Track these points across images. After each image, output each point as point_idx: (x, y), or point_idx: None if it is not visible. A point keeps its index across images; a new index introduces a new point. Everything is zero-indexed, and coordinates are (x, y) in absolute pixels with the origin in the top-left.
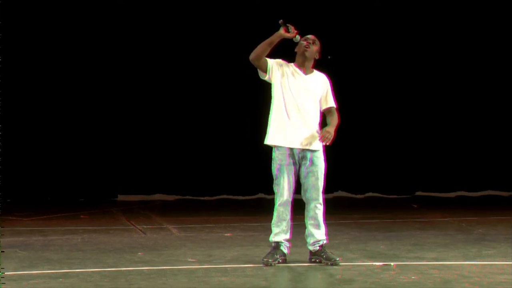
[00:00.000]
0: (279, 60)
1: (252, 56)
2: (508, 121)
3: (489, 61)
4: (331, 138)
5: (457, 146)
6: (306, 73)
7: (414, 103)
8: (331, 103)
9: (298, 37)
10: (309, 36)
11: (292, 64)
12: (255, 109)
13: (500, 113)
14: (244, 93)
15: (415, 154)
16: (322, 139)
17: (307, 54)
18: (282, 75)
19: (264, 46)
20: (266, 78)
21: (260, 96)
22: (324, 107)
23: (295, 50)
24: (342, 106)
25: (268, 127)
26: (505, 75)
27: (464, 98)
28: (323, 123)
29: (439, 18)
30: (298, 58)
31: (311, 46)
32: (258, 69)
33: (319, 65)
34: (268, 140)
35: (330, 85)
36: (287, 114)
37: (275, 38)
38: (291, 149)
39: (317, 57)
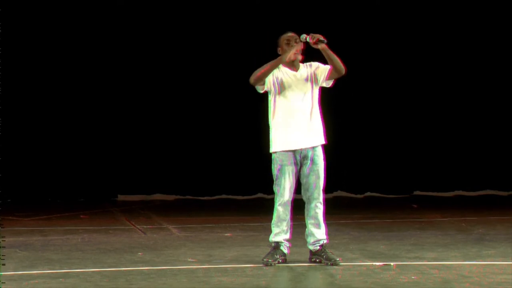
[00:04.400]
0: None
1: (252, 80)
2: (506, 120)
3: (488, 61)
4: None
5: (455, 146)
6: (297, 70)
7: (412, 103)
8: (327, 66)
9: (304, 36)
10: (289, 34)
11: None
12: (255, 109)
13: (499, 113)
14: (244, 92)
15: (413, 153)
16: (312, 37)
17: (298, 57)
18: (274, 81)
19: (265, 72)
20: (264, 90)
21: (260, 96)
22: (327, 73)
23: (279, 52)
24: (341, 106)
25: (270, 134)
26: (504, 75)
27: (463, 98)
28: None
29: (439, 18)
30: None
31: (297, 47)
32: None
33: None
34: (273, 148)
35: (316, 62)
36: (285, 118)
37: (277, 63)
38: (293, 150)
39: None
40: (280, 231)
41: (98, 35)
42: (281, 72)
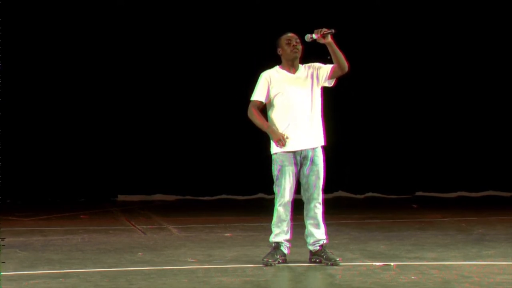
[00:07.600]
0: (265, 78)
1: (248, 117)
2: (508, 121)
3: (489, 61)
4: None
5: (457, 146)
6: (295, 72)
7: (414, 103)
8: (329, 65)
9: (308, 35)
10: (289, 34)
11: (277, 67)
12: None
13: (500, 113)
14: (244, 92)
15: (415, 154)
16: (317, 32)
17: (298, 55)
18: (271, 89)
19: (255, 124)
20: (267, 102)
21: None
22: (329, 72)
23: (279, 53)
24: (341, 106)
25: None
26: (505, 75)
27: (464, 98)
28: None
29: (439, 18)
30: (286, 61)
31: (298, 46)
32: None
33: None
34: (274, 149)
35: (318, 63)
36: (285, 119)
37: (263, 129)
38: (294, 151)
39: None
40: (280, 232)
41: (98, 35)
42: (277, 75)
